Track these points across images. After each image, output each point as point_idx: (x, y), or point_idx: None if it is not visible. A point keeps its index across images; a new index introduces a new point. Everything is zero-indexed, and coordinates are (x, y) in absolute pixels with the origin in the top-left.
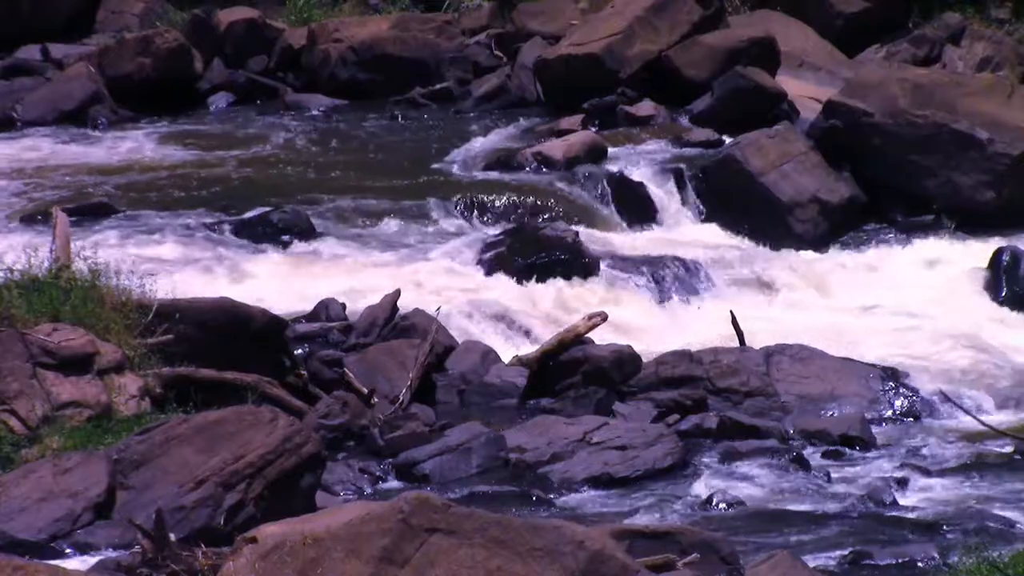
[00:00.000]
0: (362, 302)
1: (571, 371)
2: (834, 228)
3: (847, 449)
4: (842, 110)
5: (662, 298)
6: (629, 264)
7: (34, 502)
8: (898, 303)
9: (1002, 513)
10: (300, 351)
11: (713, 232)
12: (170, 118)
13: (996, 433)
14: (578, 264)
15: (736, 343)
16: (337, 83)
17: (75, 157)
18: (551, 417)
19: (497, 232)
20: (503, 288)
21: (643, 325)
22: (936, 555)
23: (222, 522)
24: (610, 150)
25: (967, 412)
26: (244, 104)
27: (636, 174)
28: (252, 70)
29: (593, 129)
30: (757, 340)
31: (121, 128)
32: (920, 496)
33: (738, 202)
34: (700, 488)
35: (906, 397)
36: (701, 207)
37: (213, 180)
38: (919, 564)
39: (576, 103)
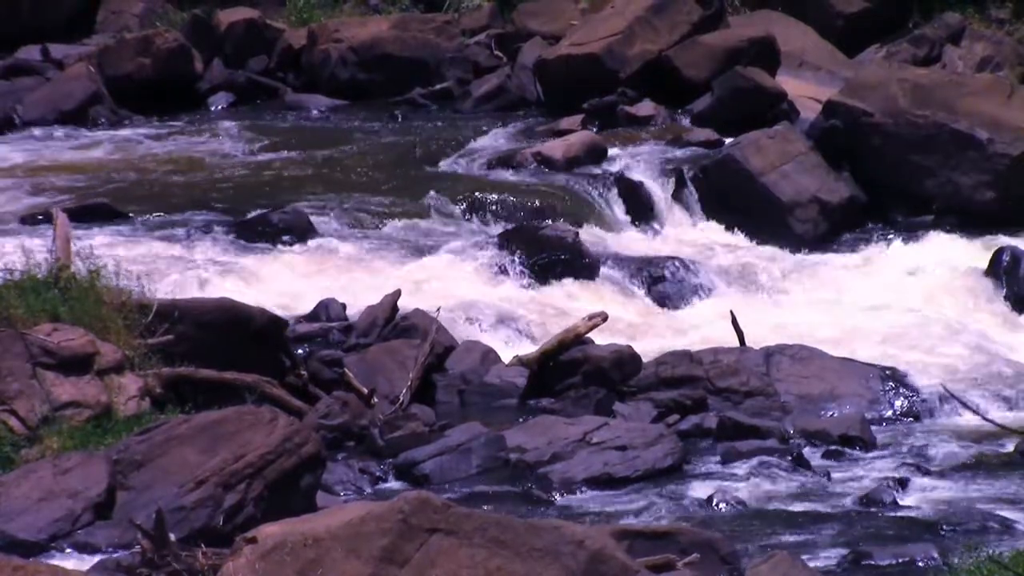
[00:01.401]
0: (362, 302)
1: (571, 371)
2: (834, 228)
3: (847, 449)
4: (842, 110)
5: (662, 298)
6: (629, 264)
7: (34, 502)
8: (898, 303)
9: (1002, 513)
10: (300, 351)
11: (713, 232)
12: (170, 118)
13: (1001, 430)
14: (578, 264)
15: (736, 343)
16: (337, 83)
17: (75, 157)
18: (551, 417)
19: (497, 232)
20: (503, 288)
21: (643, 325)
22: (936, 555)
23: (222, 522)
24: (610, 150)
25: (973, 410)
26: (244, 104)
27: (636, 174)
28: (252, 70)
29: (593, 129)
30: (757, 340)
31: (121, 128)
32: (920, 496)
33: (738, 202)
34: (700, 488)
35: (906, 397)
36: (701, 207)
37: (213, 180)
38: (919, 564)
39: (576, 103)
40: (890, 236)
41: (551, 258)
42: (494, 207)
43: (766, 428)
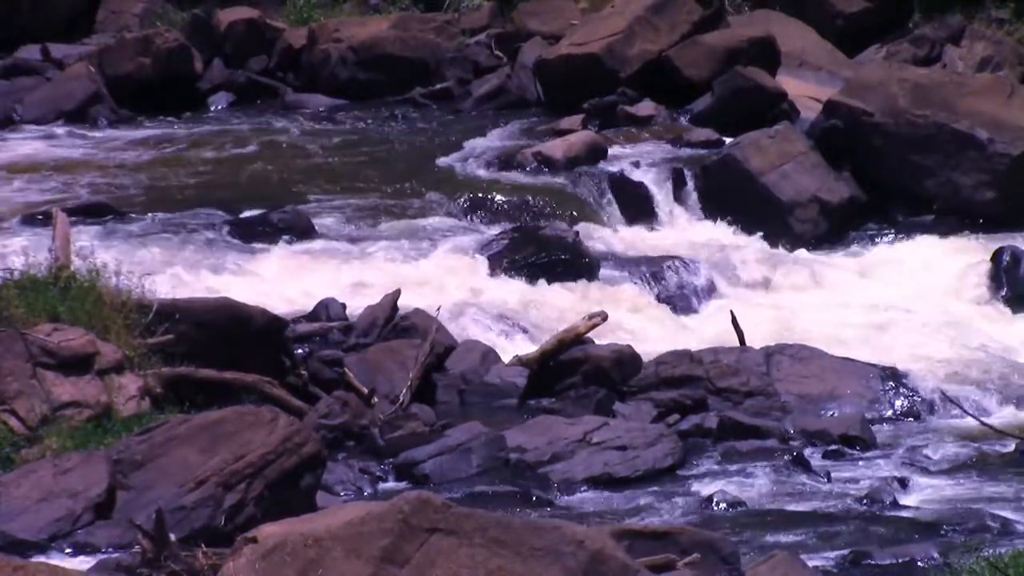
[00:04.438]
0: (362, 302)
1: (571, 371)
2: (834, 228)
3: (847, 449)
4: (842, 110)
5: (662, 298)
6: (629, 264)
7: (34, 502)
8: (898, 303)
9: (1002, 513)
10: (300, 351)
11: (713, 232)
12: (170, 118)
13: (996, 433)
14: (578, 264)
15: (736, 343)
16: (337, 83)
17: (75, 157)
18: (551, 417)
19: (497, 232)
20: (503, 288)
21: (643, 325)
22: (936, 555)
23: (222, 522)
24: (610, 150)
25: (967, 412)
26: (244, 104)
27: (636, 174)
28: (252, 70)
29: (593, 129)
30: (757, 340)
31: (121, 128)
32: (920, 496)
33: (738, 202)
34: (700, 488)
35: (906, 397)
36: (701, 207)
37: (213, 180)
38: (919, 564)
39: (576, 103)
40: (890, 236)
41: (551, 258)
42: (494, 207)
43: (766, 428)
